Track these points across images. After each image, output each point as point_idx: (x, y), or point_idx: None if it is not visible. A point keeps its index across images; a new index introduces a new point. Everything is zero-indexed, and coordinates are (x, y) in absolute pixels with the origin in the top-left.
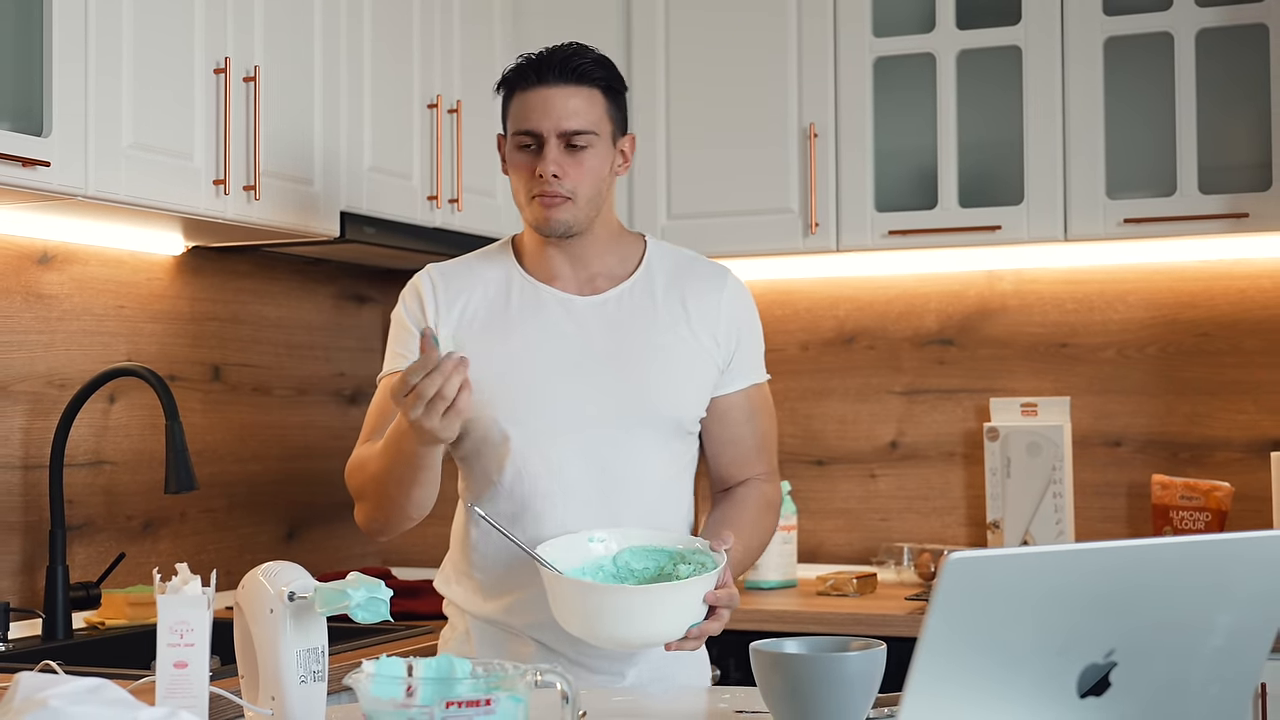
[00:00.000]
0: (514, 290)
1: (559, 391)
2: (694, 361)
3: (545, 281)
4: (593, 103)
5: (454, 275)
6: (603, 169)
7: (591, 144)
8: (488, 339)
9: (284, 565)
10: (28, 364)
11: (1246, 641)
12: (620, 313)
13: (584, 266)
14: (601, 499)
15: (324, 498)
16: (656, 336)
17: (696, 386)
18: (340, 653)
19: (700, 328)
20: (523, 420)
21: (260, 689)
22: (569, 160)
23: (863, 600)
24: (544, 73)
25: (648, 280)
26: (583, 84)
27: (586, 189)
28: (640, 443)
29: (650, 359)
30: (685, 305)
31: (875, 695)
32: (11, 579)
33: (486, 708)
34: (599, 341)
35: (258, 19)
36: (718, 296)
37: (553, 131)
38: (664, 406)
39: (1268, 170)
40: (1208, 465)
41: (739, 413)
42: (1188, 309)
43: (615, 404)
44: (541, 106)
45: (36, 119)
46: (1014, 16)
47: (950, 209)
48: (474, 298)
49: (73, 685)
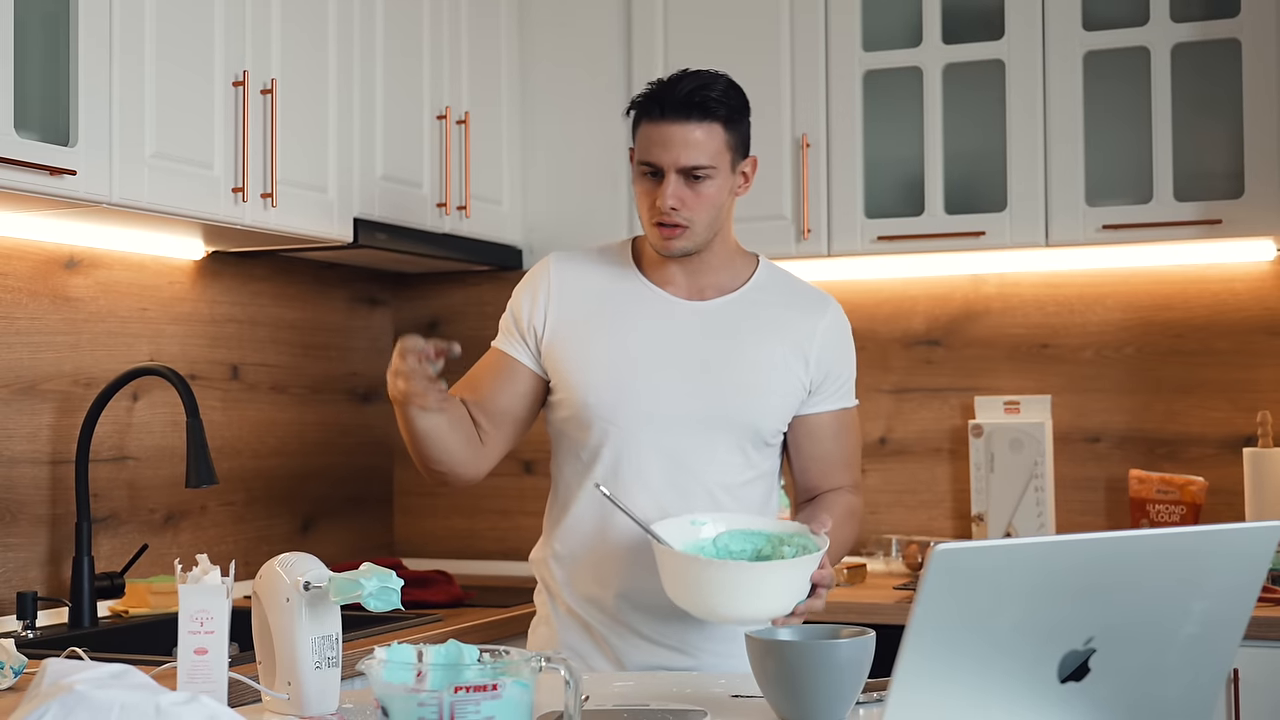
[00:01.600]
0: (627, 286)
1: (647, 385)
2: (781, 378)
3: (659, 284)
4: (712, 136)
5: (574, 264)
6: (720, 196)
7: (710, 175)
8: (592, 327)
9: (300, 556)
10: (55, 364)
11: (1219, 629)
12: (720, 321)
13: (697, 277)
14: (675, 493)
15: (338, 492)
16: (749, 349)
17: (779, 401)
18: (353, 640)
19: (794, 348)
20: (611, 407)
21: (277, 674)
22: (688, 191)
23: (853, 589)
24: (667, 107)
25: (753, 296)
26: (705, 119)
27: (704, 216)
28: (716, 444)
29: (738, 368)
30: (785, 325)
31: (865, 680)
32: (39, 569)
33: (493, 692)
34: (694, 345)
35: (274, 34)
36: (816, 322)
37: (672, 166)
38: (743, 413)
39: (1240, 179)
40: (1182, 460)
41: (826, 431)
42: (1163, 311)
43: (697, 405)
44: (663, 141)
45: (63, 130)
46: (997, 32)
47: (936, 215)
48: (589, 287)
49: (98, 671)
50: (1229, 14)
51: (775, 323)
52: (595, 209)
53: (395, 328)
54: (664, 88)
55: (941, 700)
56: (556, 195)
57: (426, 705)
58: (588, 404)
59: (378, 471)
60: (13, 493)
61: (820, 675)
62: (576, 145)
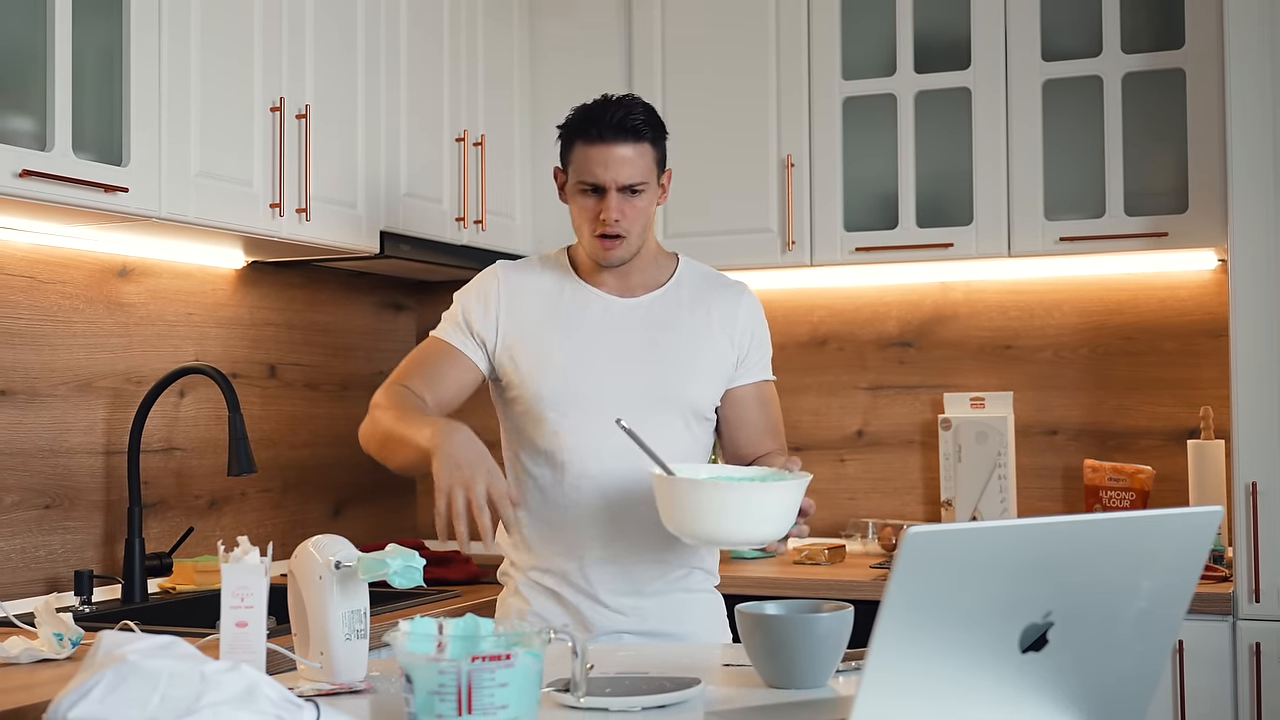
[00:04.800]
0: (566, 290)
1: (597, 376)
2: (712, 358)
3: (595, 286)
4: (643, 155)
5: (519, 273)
6: (650, 207)
7: (643, 189)
8: (540, 329)
9: (331, 538)
10: (109, 363)
11: (1166, 604)
12: (652, 314)
13: (627, 278)
14: (627, 468)
15: (366, 479)
16: (681, 333)
17: (712, 378)
18: (380, 614)
19: (719, 330)
20: (565, 396)
21: (310, 645)
22: (626, 204)
23: (833, 568)
24: (604, 130)
25: (678, 289)
26: (637, 140)
27: (638, 226)
28: (661, 422)
29: (673, 351)
30: (709, 311)
31: (844, 650)
32: (95, 550)
33: (507, 661)
34: (633, 337)
35: (308, 65)
36: (736, 306)
37: (613, 184)
38: (682, 391)
39: (1184, 196)
40: (1132, 451)
41: (751, 401)
42: (1115, 316)
43: (644, 389)
44: (603, 162)
45: (117, 151)
46: (964, 62)
47: (909, 229)
48: (532, 293)
49: (148, 642)
50: (1174, 46)
51: (700, 309)
52: None
53: (418, 330)
54: (598, 112)
55: (914, 668)
56: (562, 210)
57: (446, 673)
58: (542, 396)
59: None
60: (71, 480)
61: (803, 646)
62: None
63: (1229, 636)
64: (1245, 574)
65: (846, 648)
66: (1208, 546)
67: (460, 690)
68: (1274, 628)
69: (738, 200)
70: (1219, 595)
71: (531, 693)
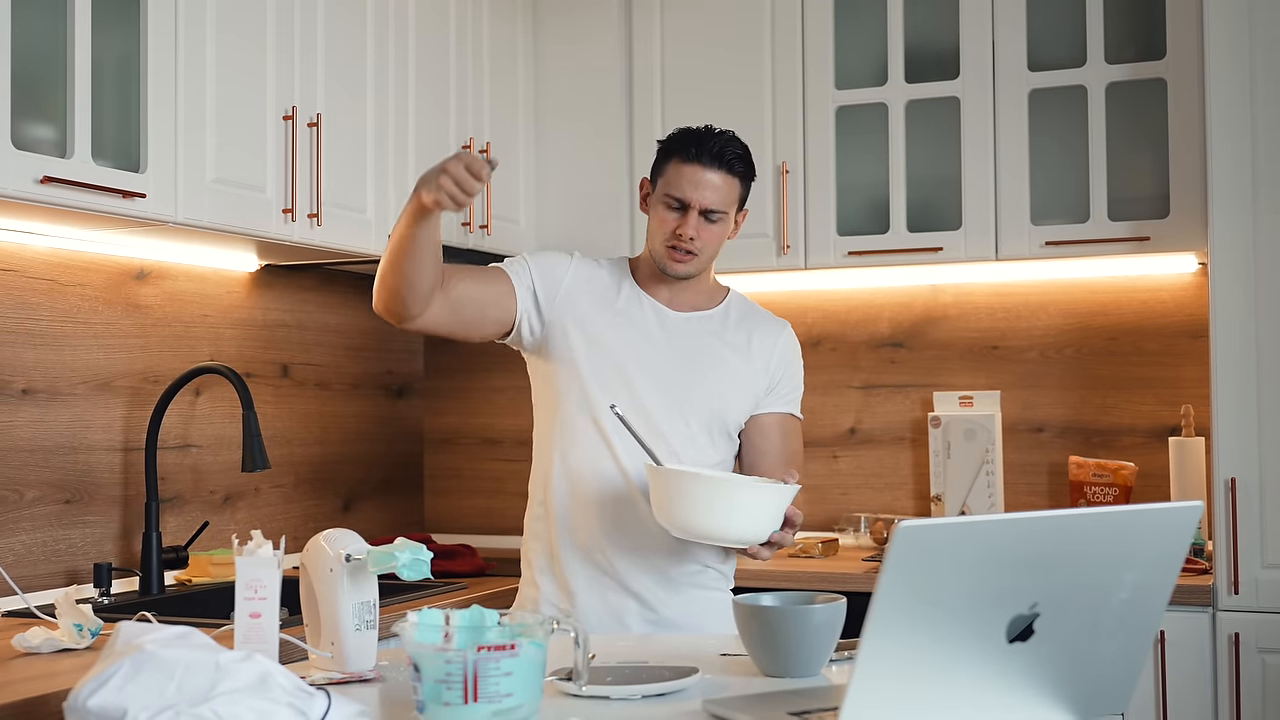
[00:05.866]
0: (624, 291)
1: (639, 369)
2: (744, 378)
3: (649, 294)
4: (731, 186)
5: (587, 264)
6: (724, 236)
7: (721, 219)
8: (594, 321)
9: (341, 532)
10: (127, 363)
11: (1148, 596)
12: (699, 330)
13: (681, 296)
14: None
15: (375, 475)
16: (721, 351)
17: (741, 399)
18: (389, 605)
19: (756, 357)
20: (611, 384)
21: (322, 636)
22: (703, 226)
23: (827, 561)
24: (702, 154)
25: (725, 314)
26: (729, 172)
27: (709, 249)
28: (690, 434)
29: (711, 365)
30: (750, 339)
31: (837, 640)
32: (113, 543)
33: (511, 651)
34: (677, 346)
35: (320, 75)
36: (776, 338)
37: (698, 205)
38: (713, 401)
39: (1166, 201)
40: (1115, 448)
41: (774, 429)
42: (1099, 317)
43: (677, 394)
44: (694, 182)
45: (135, 158)
46: (953, 72)
47: (900, 233)
48: (595, 282)
49: (165, 632)
50: (1156, 57)
51: (742, 333)
52: (599, 227)
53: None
54: (701, 137)
55: (904, 658)
56: (565, 215)
57: (453, 663)
58: (589, 379)
59: (410, 457)
60: (90, 476)
61: (798, 636)
62: (583, 172)
63: (1209, 627)
64: (1225, 567)
65: (839, 638)
66: (1188, 540)
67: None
68: (1252, 618)
69: None
70: (1199, 587)
71: (535, 681)
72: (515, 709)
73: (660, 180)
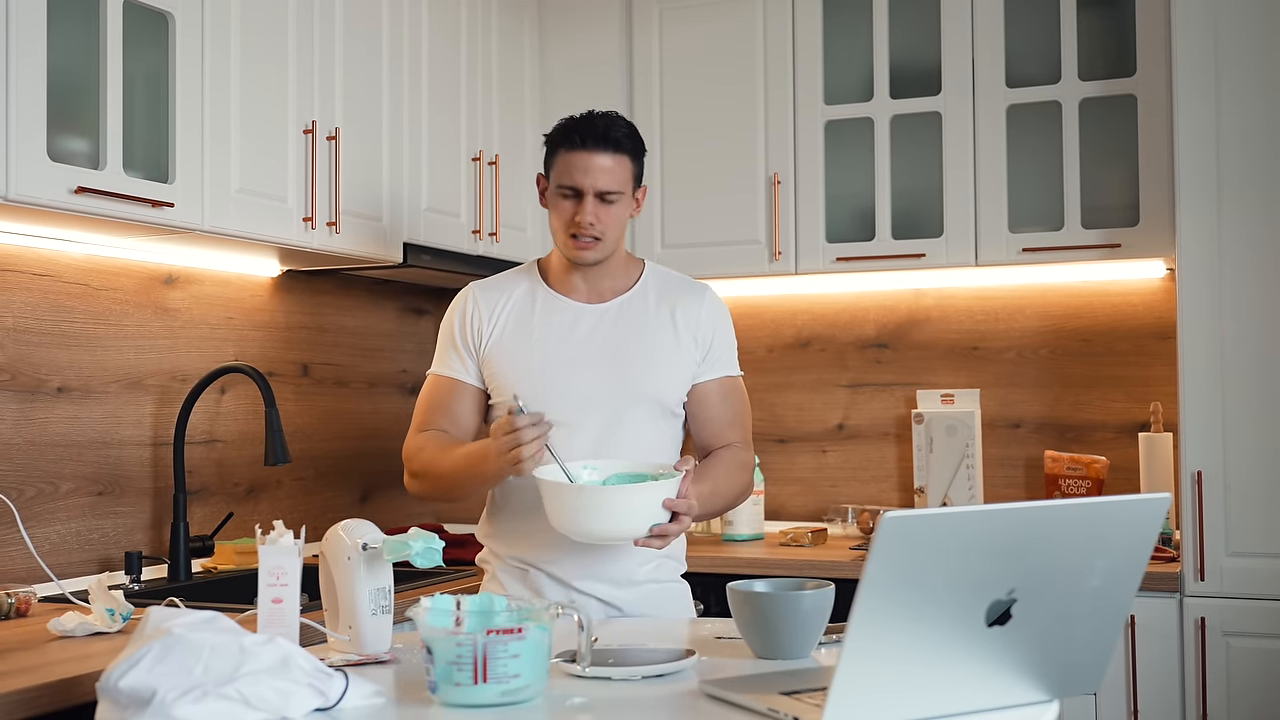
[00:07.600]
0: (538, 299)
1: (570, 378)
2: (677, 357)
3: (563, 293)
4: (622, 166)
5: (491, 290)
6: (624, 216)
7: (617, 199)
8: (515, 337)
9: (358, 522)
10: (156, 363)
11: (1119, 583)
12: (619, 317)
13: (596, 283)
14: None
15: (390, 468)
16: (647, 334)
17: (678, 376)
18: (403, 591)
19: (683, 330)
20: (540, 401)
21: (340, 620)
22: (601, 210)
23: (816, 550)
24: (586, 139)
25: (644, 293)
26: (617, 151)
27: (612, 232)
28: (630, 419)
29: (640, 351)
30: (673, 313)
31: (826, 625)
32: (143, 533)
33: (519, 634)
34: (601, 338)
35: (338, 91)
36: (699, 307)
37: (591, 189)
38: (649, 388)
39: (1136, 210)
40: (1088, 443)
41: (714, 396)
42: (1073, 319)
43: (612, 388)
44: (583, 168)
45: (163, 169)
46: (935, 89)
47: (885, 240)
48: (506, 306)
49: (192, 617)
50: (1127, 74)
51: (665, 310)
52: None
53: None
54: (583, 123)
55: (889, 641)
56: None
57: (463, 645)
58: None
59: None
60: (122, 470)
61: (788, 620)
62: None
63: (1176, 612)
64: (1191, 555)
65: (828, 622)
66: (1157, 530)
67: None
68: (1217, 604)
69: (729, 214)
70: (1167, 574)
71: (541, 663)
72: (523, 689)
73: (553, 173)
